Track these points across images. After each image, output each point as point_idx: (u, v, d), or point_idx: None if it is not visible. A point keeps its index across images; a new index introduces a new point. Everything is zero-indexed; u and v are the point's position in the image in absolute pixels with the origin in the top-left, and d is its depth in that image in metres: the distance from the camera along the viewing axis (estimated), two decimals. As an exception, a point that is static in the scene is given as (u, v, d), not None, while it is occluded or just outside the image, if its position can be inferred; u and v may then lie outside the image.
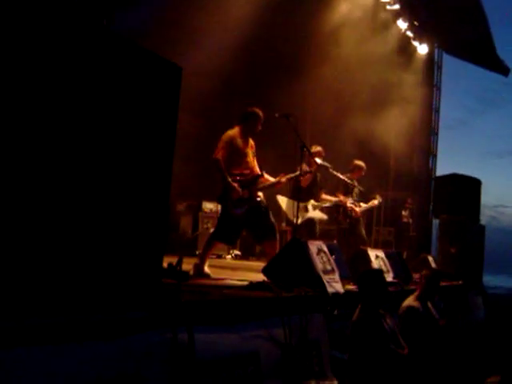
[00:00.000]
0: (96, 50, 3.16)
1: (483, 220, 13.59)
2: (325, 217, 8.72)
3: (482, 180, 13.28)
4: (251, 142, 6.66)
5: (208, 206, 11.23)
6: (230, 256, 11.08)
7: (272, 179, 6.76)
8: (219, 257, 10.59)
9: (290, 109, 7.36)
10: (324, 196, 8.75)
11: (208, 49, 9.27)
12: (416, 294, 6.24)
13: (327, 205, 8.60)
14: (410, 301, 6.14)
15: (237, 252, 11.42)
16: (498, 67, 15.56)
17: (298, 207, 6.73)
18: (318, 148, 8.19)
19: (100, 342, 3.01)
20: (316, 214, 8.39)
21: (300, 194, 7.54)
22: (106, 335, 3.05)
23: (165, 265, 3.97)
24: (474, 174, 12.87)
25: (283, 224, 10.69)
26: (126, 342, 3.15)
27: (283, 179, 6.74)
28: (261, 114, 6.57)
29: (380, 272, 5.51)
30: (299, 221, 8.01)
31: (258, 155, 6.78)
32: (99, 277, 3.14)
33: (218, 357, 3.65)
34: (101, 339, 3.01)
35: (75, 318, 2.94)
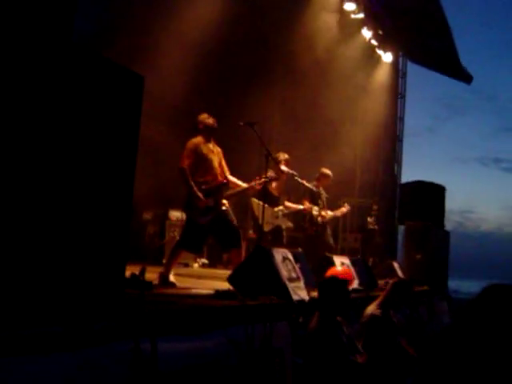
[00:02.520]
0: (56, 60, 3.14)
1: (450, 225, 13.86)
2: (290, 224, 8.78)
3: (449, 186, 13.54)
4: (217, 148, 6.67)
5: (175, 214, 11.16)
6: (196, 264, 11.02)
7: (243, 184, 6.79)
8: (186, 265, 10.53)
9: (257, 116, 7.41)
10: (287, 203, 8.80)
11: (173, 56, 9.26)
12: (378, 301, 6.13)
13: (286, 212, 8.61)
14: (372, 309, 6.08)
15: (204, 260, 11.37)
16: (462, 75, 15.86)
17: (264, 212, 6.72)
18: (285, 156, 8.23)
19: (65, 354, 2.97)
20: (282, 222, 8.45)
21: (272, 201, 7.60)
22: (69, 347, 3.01)
23: (129, 274, 3.95)
24: (441, 180, 13.16)
25: (250, 231, 10.70)
26: (88, 353, 3.11)
27: (257, 184, 6.76)
28: (202, 114, 6.59)
29: (342, 280, 5.41)
30: (269, 227, 8.06)
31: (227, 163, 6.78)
32: (59, 287, 3.10)
33: (181, 367, 3.63)
34: (65, 350, 2.98)
35: (39, 330, 2.90)
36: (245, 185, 6.84)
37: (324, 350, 4.57)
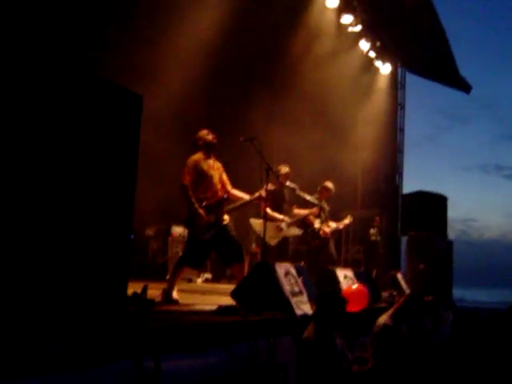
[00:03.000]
0: (56, 80, 3.17)
1: (453, 234, 13.88)
2: (300, 232, 8.74)
3: (451, 195, 13.59)
4: (218, 163, 6.68)
5: (177, 229, 11.19)
6: (200, 279, 11.04)
7: (246, 196, 6.80)
8: (190, 281, 10.55)
9: (257, 129, 7.43)
10: (296, 211, 8.79)
11: (171, 73, 9.31)
12: (391, 312, 6.05)
13: (290, 221, 8.56)
14: (384, 319, 6.05)
15: (207, 275, 11.39)
16: (460, 84, 15.90)
17: (265, 226, 6.71)
18: (287, 169, 8.25)
19: (71, 374, 2.98)
20: (290, 232, 8.41)
21: (278, 206, 7.60)
22: (71, 366, 3.02)
23: (130, 293, 3.96)
24: (443, 189, 13.19)
25: (253, 245, 10.71)
26: (91, 372, 3.12)
27: (263, 193, 6.73)
28: (202, 131, 6.61)
29: (339, 294, 5.40)
30: (275, 242, 8.06)
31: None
32: (60, 307, 3.11)
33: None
34: (68, 370, 2.98)
35: (41, 350, 2.91)
36: (248, 197, 6.85)
37: (320, 361, 4.56)
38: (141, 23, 9.59)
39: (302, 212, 8.91)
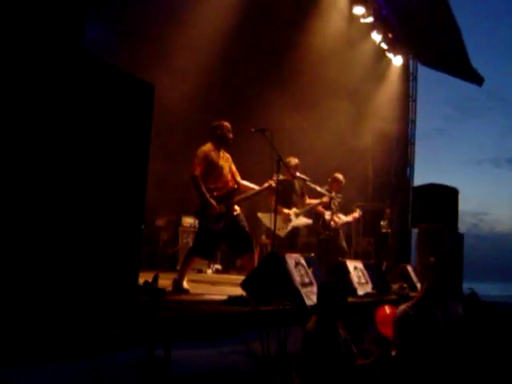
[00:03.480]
0: (70, 70, 3.18)
1: (464, 227, 13.81)
2: (309, 221, 8.75)
3: (463, 188, 13.44)
4: (226, 155, 6.70)
5: (188, 220, 11.22)
6: (210, 270, 11.06)
7: (256, 187, 6.83)
8: (200, 271, 10.57)
9: (268, 122, 7.43)
10: (309, 200, 8.80)
11: (184, 64, 9.32)
12: (413, 301, 6.09)
13: (299, 212, 8.54)
14: (405, 308, 6.00)
15: (217, 266, 11.41)
16: (473, 77, 15.76)
17: (276, 219, 6.71)
18: (296, 161, 8.25)
19: (78, 361, 3.00)
20: (300, 221, 8.42)
21: (279, 205, 7.59)
22: (82, 354, 3.04)
23: (142, 282, 3.99)
24: (455, 182, 13.12)
25: (263, 237, 10.72)
26: (102, 360, 3.14)
27: (273, 183, 6.75)
28: (226, 123, 6.62)
29: (341, 284, 5.25)
30: (285, 233, 8.07)
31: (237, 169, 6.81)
32: (72, 296, 3.14)
33: (196, 373, 3.65)
34: (79, 357, 3.01)
35: (57, 337, 2.93)
36: (257, 187, 6.87)
37: (322, 353, 4.46)
38: (154, 13, 9.58)
39: (314, 201, 8.92)
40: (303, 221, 8.55)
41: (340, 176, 9.48)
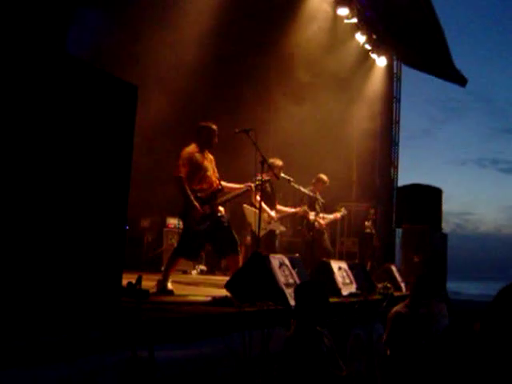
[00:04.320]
0: (52, 71, 3.17)
1: (449, 228, 13.89)
2: (283, 228, 8.78)
3: (447, 188, 13.53)
4: (210, 156, 6.71)
5: (172, 221, 11.20)
6: (195, 271, 11.04)
7: (238, 186, 6.86)
8: (185, 272, 10.55)
9: (252, 123, 7.42)
10: (279, 207, 8.80)
11: (167, 64, 9.30)
12: (406, 301, 6.09)
13: (279, 216, 8.56)
14: (398, 307, 6.06)
15: (202, 267, 11.38)
16: (456, 78, 15.87)
17: (260, 217, 6.71)
18: (280, 162, 8.25)
19: (61, 364, 2.98)
20: (276, 226, 8.44)
21: (270, 201, 7.61)
22: (65, 357, 3.03)
23: (125, 283, 3.97)
24: (439, 183, 13.24)
25: (248, 238, 10.71)
26: (85, 362, 3.13)
27: (252, 185, 6.81)
28: (214, 126, 6.63)
29: (320, 284, 4.93)
30: (263, 232, 8.06)
31: (219, 170, 6.82)
32: (54, 297, 3.12)
33: (179, 374, 3.64)
34: (62, 361, 2.99)
35: (37, 340, 2.91)
36: (240, 186, 6.90)
37: (303, 362, 4.14)
38: (135, 12, 9.55)
39: (285, 209, 8.95)
40: (279, 227, 8.56)
41: (324, 177, 9.50)
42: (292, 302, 5.42)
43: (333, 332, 4.89)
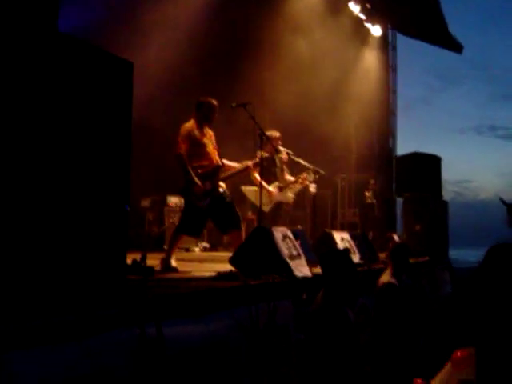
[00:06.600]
0: (44, 49, 3.12)
1: (448, 196, 13.87)
2: (291, 195, 8.67)
3: (446, 157, 13.55)
4: (210, 132, 6.66)
5: (173, 200, 11.17)
6: (197, 248, 11.05)
7: (237, 165, 6.83)
8: (187, 250, 10.56)
9: (249, 96, 7.37)
10: (288, 177, 8.72)
11: (161, 41, 9.22)
12: (389, 271, 6.04)
13: (282, 185, 8.46)
14: (386, 277, 5.97)
15: (205, 244, 11.40)
16: (451, 45, 15.80)
17: (261, 193, 6.70)
18: (278, 134, 8.17)
19: (73, 343, 2.99)
20: (284, 197, 8.32)
21: (271, 176, 7.58)
22: (72, 335, 3.03)
23: (130, 261, 3.97)
24: (438, 151, 13.18)
25: (249, 213, 10.71)
26: (94, 341, 3.13)
27: (250, 164, 6.78)
28: (214, 102, 6.57)
29: (346, 252, 5.04)
30: (269, 208, 8.02)
31: (219, 146, 6.78)
32: (61, 277, 3.12)
33: (188, 349, 3.66)
34: (71, 339, 2.99)
35: (46, 320, 2.92)
36: (239, 165, 6.87)
37: (329, 327, 4.11)
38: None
39: (292, 179, 8.87)
40: (289, 196, 8.45)
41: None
42: (297, 274, 5.44)
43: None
